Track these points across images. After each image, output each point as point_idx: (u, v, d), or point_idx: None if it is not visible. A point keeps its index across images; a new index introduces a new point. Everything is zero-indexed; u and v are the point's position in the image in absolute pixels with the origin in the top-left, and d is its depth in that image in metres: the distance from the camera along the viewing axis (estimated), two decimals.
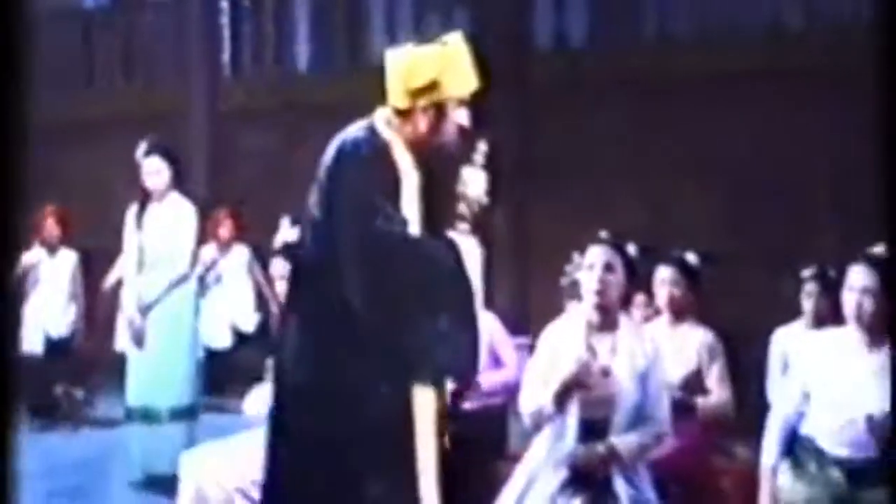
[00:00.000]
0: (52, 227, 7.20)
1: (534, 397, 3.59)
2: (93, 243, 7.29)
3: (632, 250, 3.70)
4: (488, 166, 3.09)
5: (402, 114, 3.04)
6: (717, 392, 4.40)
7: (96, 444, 6.35)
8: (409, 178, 3.02)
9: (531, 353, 3.87)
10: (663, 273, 4.52)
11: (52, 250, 7.21)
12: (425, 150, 3.07)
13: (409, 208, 2.99)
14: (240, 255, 8.02)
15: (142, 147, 5.59)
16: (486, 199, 3.08)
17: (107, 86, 9.77)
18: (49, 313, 7.17)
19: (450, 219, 3.04)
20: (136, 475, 5.44)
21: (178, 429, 5.41)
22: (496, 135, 5.65)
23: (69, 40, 9.69)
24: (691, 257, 4.58)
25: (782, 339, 5.03)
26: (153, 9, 9.63)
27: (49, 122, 7.94)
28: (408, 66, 3.03)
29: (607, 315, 3.65)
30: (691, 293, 4.53)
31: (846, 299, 3.52)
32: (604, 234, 3.69)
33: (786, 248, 6.18)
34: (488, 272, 4.47)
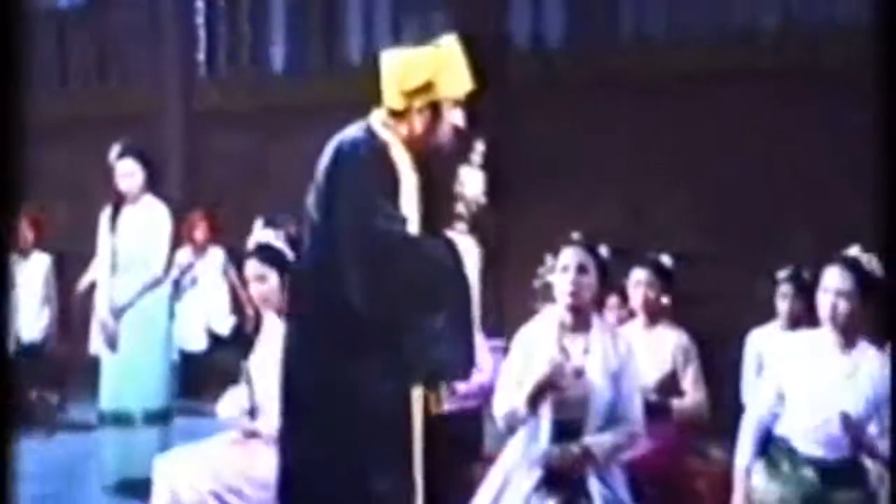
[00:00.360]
0: (25, 231, 7.14)
1: (508, 400, 3.59)
2: (66, 246, 7.23)
3: (604, 252, 3.72)
4: (485, 166, 3.10)
5: (398, 115, 3.06)
6: (692, 394, 4.43)
7: (70, 448, 6.30)
8: (408, 178, 3.03)
9: (505, 356, 3.88)
10: (638, 275, 4.54)
11: (24, 254, 7.16)
12: (422, 151, 3.08)
13: (408, 208, 3.00)
14: (215, 258, 8.00)
15: (115, 149, 5.55)
16: (483, 199, 3.09)
17: (81, 86, 9.70)
18: (22, 317, 7.11)
19: (447, 218, 3.05)
20: (109, 479, 5.40)
21: (152, 432, 5.38)
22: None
23: (43, 40, 9.61)
24: (666, 259, 4.60)
25: (757, 341, 5.05)
26: (128, 8, 9.56)
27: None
28: (403, 67, 3.04)
29: (580, 316, 3.67)
30: (666, 295, 4.55)
31: (821, 300, 3.54)
32: (576, 235, 3.71)
33: (761, 250, 6.20)
34: (485, 272, 4.47)
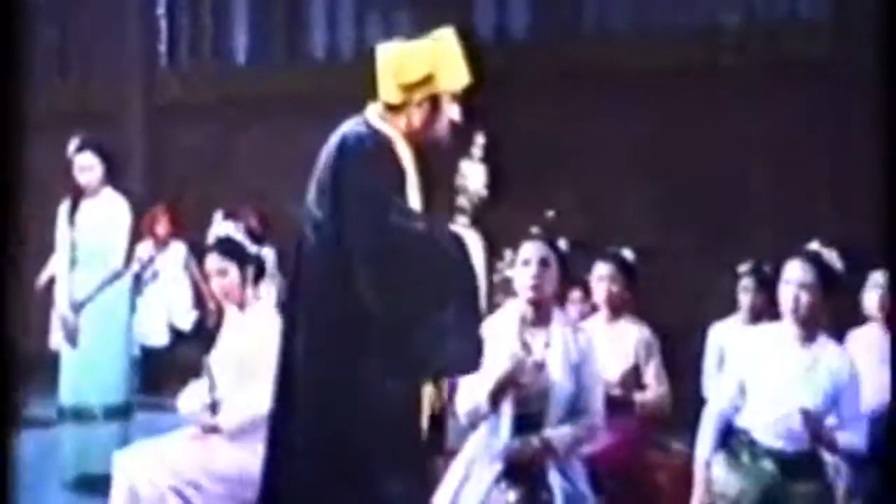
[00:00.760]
0: None
1: (470, 396, 3.59)
2: (25, 241, 7.14)
3: (563, 245, 3.72)
4: (486, 159, 3.07)
5: (395, 109, 3.01)
6: (654, 387, 4.44)
7: (30, 444, 6.22)
8: (411, 172, 2.99)
9: None
10: (601, 269, 4.55)
11: None
12: (420, 145, 3.04)
13: (413, 202, 2.96)
14: (176, 253, 7.94)
15: (73, 143, 5.50)
16: (485, 193, 3.05)
17: (42, 80, 9.58)
18: None
19: (449, 212, 3.01)
20: (69, 475, 5.35)
21: (112, 428, 5.34)
22: None
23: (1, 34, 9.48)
24: (628, 253, 4.61)
25: (718, 334, 5.07)
26: (88, 1, 9.46)
27: None
28: (401, 60, 2.99)
29: (541, 310, 3.67)
30: (628, 290, 4.56)
31: (782, 293, 3.57)
32: (535, 229, 3.70)
33: (722, 244, 6.24)
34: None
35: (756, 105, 6.64)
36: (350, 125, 3.02)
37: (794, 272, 3.53)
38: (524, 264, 3.65)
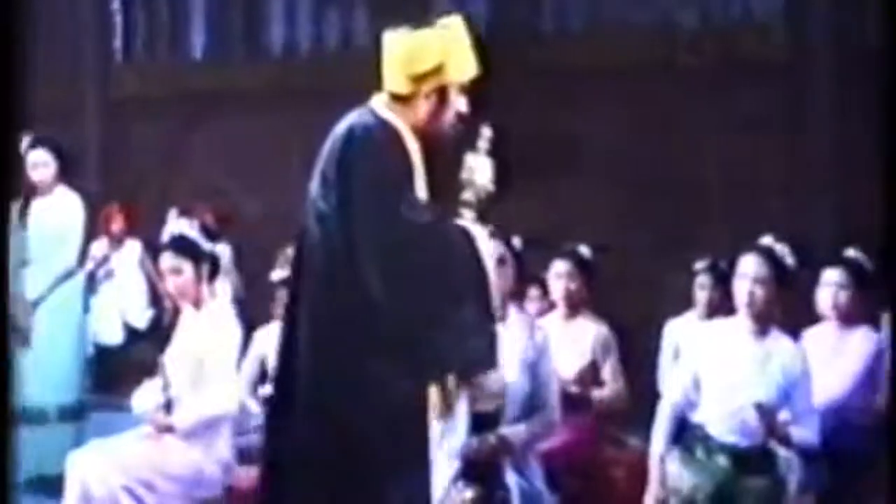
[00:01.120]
0: None
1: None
2: None
3: (517, 244, 3.72)
4: (493, 153, 2.98)
5: (402, 99, 2.90)
6: (611, 384, 4.47)
7: None
8: (418, 164, 2.89)
9: None
10: (559, 267, 4.56)
11: None
12: (426, 137, 2.93)
13: (421, 196, 2.87)
14: (132, 250, 7.88)
15: (26, 140, 5.42)
16: (492, 187, 2.97)
17: None
18: None
19: (455, 207, 2.93)
20: (22, 476, 5.27)
21: (66, 428, 5.28)
22: None
23: None
24: (585, 251, 4.63)
25: (674, 331, 5.10)
26: None
27: None
28: (411, 49, 2.88)
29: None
30: (586, 287, 4.58)
31: (737, 287, 3.59)
32: (490, 228, 3.69)
33: (678, 241, 6.29)
34: None
35: (711, 104, 6.70)
36: (356, 115, 2.90)
37: (749, 266, 3.56)
38: None
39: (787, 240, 3.63)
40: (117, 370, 7.20)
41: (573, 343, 4.44)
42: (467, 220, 2.92)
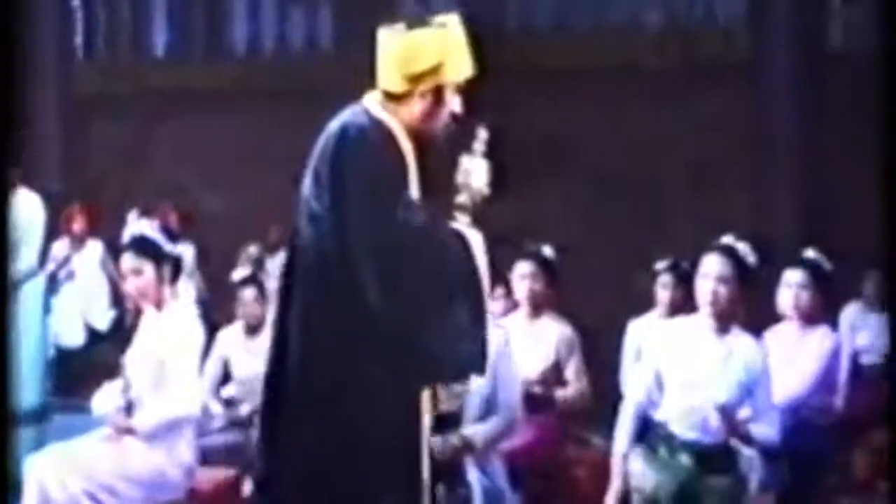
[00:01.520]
0: None
1: None
2: None
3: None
4: (489, 155, 2.94)
5: (396, 99, 2.84)
6: (575, 384, 4.49)
7: None
8: (412, 165, 2.84)
9: None
10: (522, 268, 4.57)
11: None
12: (420, 137, 2.87)
13: (416, 197, 2.83)
14: (93, 251, 7.79)
15: None
16: (487, 190, 2.93)
17: None
18: None
19: (448, 209, 2.89)
20: None
21: (27, 431, 5.20)
22: None
23: None
24: (548, 251, 4.64)
25: (637, 331, 5.13)
26: None
27: None
28: (409, 48, 2.82)
29: None
30: (549, 287, 4.59)
31: (699, 285, 3.61)
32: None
33: (641, 241, 6.32)
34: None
35: (675, 104, 6.75)
36: (349, 114, 2.84)
37: (712, 265, 3.59)
38: None
39: (748, 239, 3.66)
40: (79, 372, 7.13)
41: (537, 343, 4.45)
42: (462, 224, 2.89)
